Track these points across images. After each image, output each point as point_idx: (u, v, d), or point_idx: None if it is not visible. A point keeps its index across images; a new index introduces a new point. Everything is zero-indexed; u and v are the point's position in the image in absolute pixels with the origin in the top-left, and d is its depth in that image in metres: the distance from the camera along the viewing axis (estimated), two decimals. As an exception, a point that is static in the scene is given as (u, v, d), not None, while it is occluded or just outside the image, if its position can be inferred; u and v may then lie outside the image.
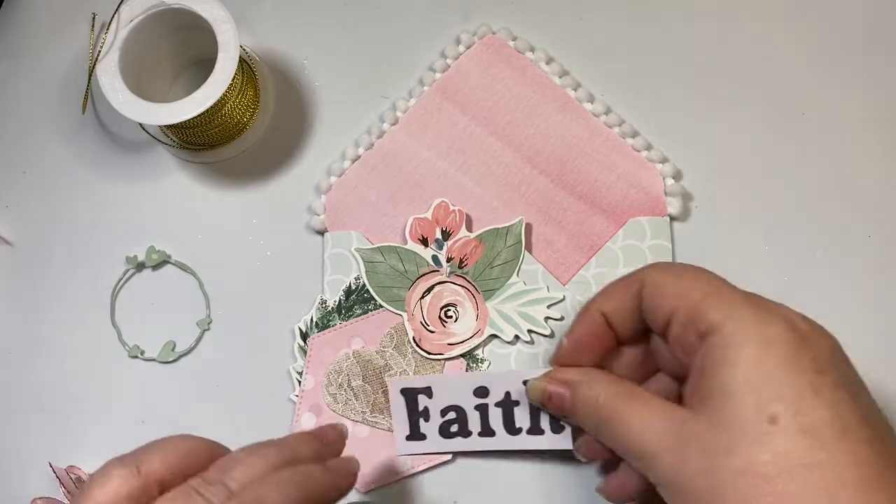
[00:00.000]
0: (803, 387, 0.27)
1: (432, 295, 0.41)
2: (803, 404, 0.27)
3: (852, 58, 0.44)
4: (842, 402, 0.27)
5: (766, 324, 0.29)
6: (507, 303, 0.41)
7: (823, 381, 0.28)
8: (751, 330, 0.29)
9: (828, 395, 0.27)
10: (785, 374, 0.28)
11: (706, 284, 0.31)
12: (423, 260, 0.41)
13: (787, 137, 0.43)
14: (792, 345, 0.28)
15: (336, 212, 0.42)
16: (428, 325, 0.41)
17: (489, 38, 0.44)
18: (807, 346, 0.28)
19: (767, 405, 0.27)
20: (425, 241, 0.41)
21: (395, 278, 0.41)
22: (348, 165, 0.43)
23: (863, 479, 0.26)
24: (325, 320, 0.41)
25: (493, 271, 0.41)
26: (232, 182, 0.43)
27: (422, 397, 0.39)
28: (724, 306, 0.30)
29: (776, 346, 0.28)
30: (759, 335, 0.28)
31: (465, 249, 0.41)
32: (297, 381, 0.40)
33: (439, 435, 0.39)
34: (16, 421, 0.41)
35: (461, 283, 0.41)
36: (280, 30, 0.45)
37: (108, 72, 0.39)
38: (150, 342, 0.42)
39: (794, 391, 0.27)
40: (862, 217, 0.42)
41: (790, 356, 0.28)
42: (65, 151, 0.44)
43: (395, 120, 0.43)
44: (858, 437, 0.27)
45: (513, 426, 0.38)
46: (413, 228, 0.41)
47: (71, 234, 0.43)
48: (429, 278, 0.41)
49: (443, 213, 0.41)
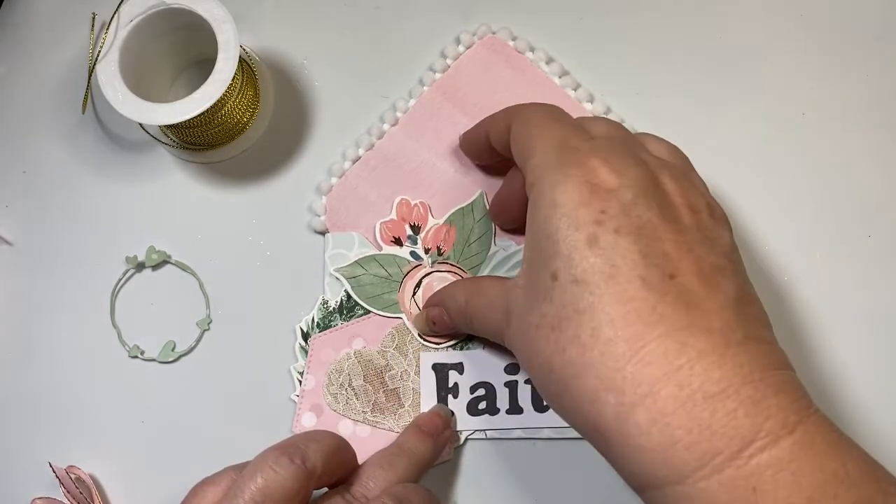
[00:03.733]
0: (579, 241, 0.29)
1: (423, 288, 0.41)
2: (575, 256, 0.29)
3: (852, 58, 0.44)
4: (618, 247, 0.29)
5: (559, 184, 0.30)
6: (496, 272, 0.41)
7: (601, 230, 0.29)
8: (545, 193, 0.31)
9: (603, 244, 0.29)
10: (564, 232, 0.29)
11: (535, 144, 0.32)
12: (403, 259, 0.41)
13: (787, 137, 0.43)
14: (576, 202, 0.30)
15: (337, 212, 0.42)
16: None
17: (489, 39, 0.44)
18: (595, 200, 0.30)
19: (549, 263, 0.30)
20: (399, 241, 0.41)
21: (381, 285, 0.41)
22: (349, 166, 0.43)
23: (630, 313, 0.28)
24: (327, 320, 0.41)
25: (471, 248, 0.41)
26: (232, 182, 0.43)
27: (453, 373, 0.40)
28: (537, 170, 0.32)
29: (560, 207, 0.30)
30: (549, 198, 0.30)
31: (438, 237, 0.41)
32: (298, 381, 0.40)
33: (466, 412, 0.40)
34: (16, 421, 0.41)
35: (446, 268, 0.41)
36: (280, 30, 0.45)
37: (108, 72, 0.39)
38: (150, 342, 0.42)
39: (570, 246, 0.29)
40: (862, 217, 0.42)
41: (573, 214, 0.30)
42: (65, 151, 0.44)
43: (395, 120, 0.43)
44: (631, 276, 0.28)
45: (540, 403, 0.39)
46: (383, 233, 0.41)
47: (71, 234, 0.43)
48: (414, 274, 0.41)
49: (406, 210, 0.42)
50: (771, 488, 0.25)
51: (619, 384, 0.27)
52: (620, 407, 0.27)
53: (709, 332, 0.28)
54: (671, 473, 0.27)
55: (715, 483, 0.26)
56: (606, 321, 0.28)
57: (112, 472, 0.40)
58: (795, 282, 0.41)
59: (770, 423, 0.26)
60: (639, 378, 0.27)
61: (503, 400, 0.40)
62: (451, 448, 0.39)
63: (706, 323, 0.28)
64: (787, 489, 0.25)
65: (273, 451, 0.32)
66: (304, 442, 0.33)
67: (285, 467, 0.31)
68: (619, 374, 0.27)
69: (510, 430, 0.40)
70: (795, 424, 0.26)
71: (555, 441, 0.40)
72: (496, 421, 0.40)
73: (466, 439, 0.40)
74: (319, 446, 0.33)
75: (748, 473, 0.26)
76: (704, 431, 0.26)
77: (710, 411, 0.26)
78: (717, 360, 0.27)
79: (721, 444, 0.26)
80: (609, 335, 0.28)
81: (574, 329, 0.29)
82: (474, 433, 0.40)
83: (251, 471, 0.31)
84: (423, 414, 0.39)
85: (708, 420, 0.26)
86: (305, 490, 0.32)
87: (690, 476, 0.26)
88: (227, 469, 0.33)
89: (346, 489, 0.34)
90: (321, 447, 0.33)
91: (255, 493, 0.30)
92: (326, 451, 0.33)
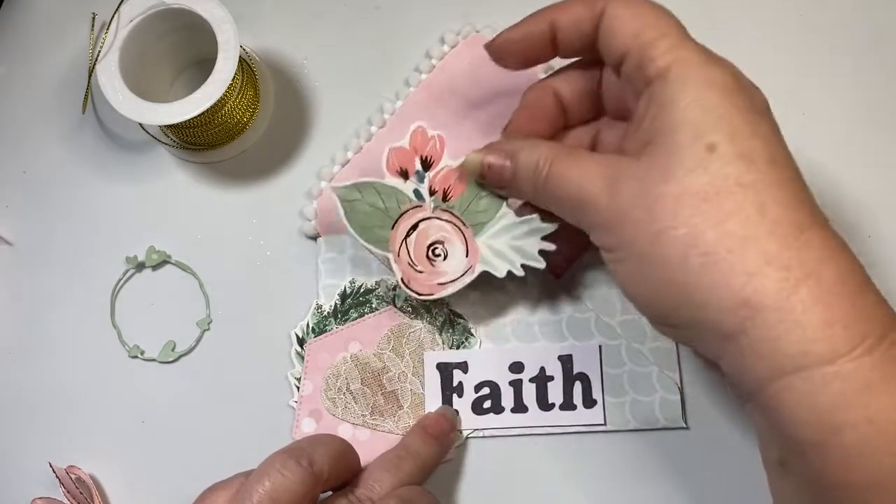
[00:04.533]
0: (740, 121, 0.29)
1: (417, 233, 0.38)
2: (739, 134, 0.29)
3: (852, 58, 0.44)
4: (773, 139, 0.30)
5: (710, 66, 0.30)
6: (499, 237, 0.38)
7: (760, 120, 0.30)
8: (694, 71, 0.30)
9: (762, 133, 0.29)
10: (725, 109, 0.29)
11: (662, 26, 0.31)
12: (404, 195, 0.38)
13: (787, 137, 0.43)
14: (733, 87, 0.30)
15: (328, 216, 0.42)
16: (416, 264, 0.38)
17: (473, 37, 0.44)
18: (746, 93, 0.30)
19: (705, 135, 0.29)
20: (405, 174, 0.38)
21: (375, 217, 0.38)
22: (338, 170, 0.42)
23: (792, 199, 0.29)
24: (322, 325, 0.41)
25: (480, 203, 0.38)
26: (232, 182, 0.43)
27: (457, 372, 0.40)
28: (675, 50, 0.30)
29: (717, 86, 0.29)
30: (703, 76, 0.30)
31: (448, 180, 0.38)
32: (296, 387, 0.40)
33: (471, 411, 0.39)
34: (16, 421, 0.41)
35: (447, 218, 0.38)
36: (280, 30, 0.45)
37: (108, 72, 0.39)
38: (150, 342, 0.42)
39: (732, 124, 0.29)
40: (862, 217, 0.42)
41: (731, 96, 0.29)
42: (65, 151, 0.44)
43: (383, 122, 0.43)
44: (786, 167, 0.29)
45: (545, 402, 0.39)
46: (390, 160, 0.38)
47: (71, 234, 0.43)
48: (412, 215, 0.38)
49: (421, 140, 0.38)
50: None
51: (787, 261, 0.28)
52: (785, 282, 0.27)
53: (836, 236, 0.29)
54: (827, 352, 0.27)
55: (867, 363, 0.27)
56: (772, 201, 0.28)
57: (112, 472, 0.40)
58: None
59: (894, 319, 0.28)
60: (804, 258, 0.28)
61: (508, 399, 0.40)
62: (453, 447, 0.39)
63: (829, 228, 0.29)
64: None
65: (280, 454, 0.32)
66: (310, 446, 0.33)
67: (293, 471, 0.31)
68: (786, 251, 0.28)
69: (515, 429, 0.40)
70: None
71: (555, 442, 0.40)
72: (501, 420, 0.40)
73: (467, 438, 0.40)
74: (326, 450, 0.33)
75: (894, 356, 0.27)
76: (860, 314, 0.27)
77: (863, 298, 0.28)
78: (852, 259, 0.29)
79: (871, 327, 0.27)
80: (777, 213, 0.28)
81: (737, 202, 0.28)
82: (474, 431, 0.40)
83: (259, 474, 0.31)
84: (428, 415, 0.39)
85: (861, 304, 0.28)
86: (312, 493, 0.32)
87: (846, 355, 0.27)
88: (239, 475, 0.33)
89: (351, 491, 0.34)
90: (327, 451, 0.33)
91: (262, 496, 0.30)
92: (333, 454, 0.33)
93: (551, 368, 0.40)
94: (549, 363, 0.40)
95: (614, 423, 0.39)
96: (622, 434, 0.39)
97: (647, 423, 0.39)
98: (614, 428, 0.39)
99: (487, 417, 0.40)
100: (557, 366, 0.40)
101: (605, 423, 0.39)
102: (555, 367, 0.40)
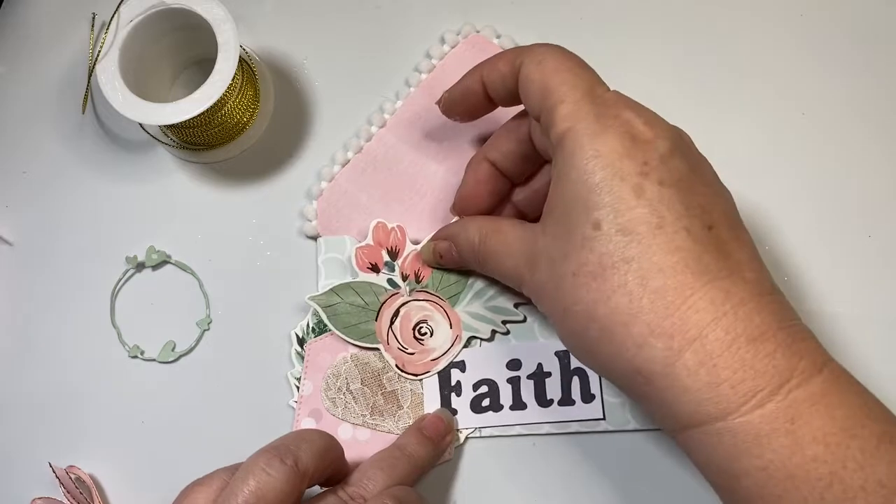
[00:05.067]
0: (624, 192, 0.30)
1: (401, 318, 0.40)
2: (621, 207, 0.29)
3: (852, 58, 0.44)
4: (663, 198, 0.30)
5: (599, 135, 0.30)
6: (474, 302, 0.40)
7: (647, 182, 0.30)
8: (583, 143, 0.30)
9: (649, 195, 0.29)
10: (608, 183, 0.30)
11: (563, 89, 0.32)
12: (380, 287, 0.40)
13: (787, 137, 0.43)
14: (620, 153, 0.30)
15: (328, 216, 0.42)
16: (406, 348, 0.40)
17: (473, 37, 0.44)
18: (637, 152, 0.30)
19: (591, 212, 0.30)
20: (375, 268, 0.41)
21: (358, 314, 0.40)
22: (338, 170, 0.42)
23: (678, 263, 0.29)
24: (322, 325, 0.41)
25: (450, 277, 0.40)
26: (232, 182, 0.43)
27: (455, 371, 0.40)
28: (569, 119, 0.31)
29: (602, 157, 0.30)
30: (590, 149, 0.30)
31: (416, 263, 0.41)
32: (296, 387, 0.40)
33: (470, 410, 0.40)
34: (16, 421, 0.41)
35: (424, 297, 0.40)
36: (280, 30, 0.45)
37: (108, 72, 0.39)
38: (150, 342, 0.42)
39: (615, 197, 0.30)
40: (862, 217, 0.42)
41: (616, 165, 0.30)
42: (65, 151, 0.44)
43: (383, 122, 0.43)
44: (677, 227, 0.29)
45: (544, 398, 0.39)
46: (359, 259, 0.40)
47: (71, 234, 0.43)
48: (392, 303, 0.40)
49: (383, 234, 0.41)
50: (807, 419, 0.28)
51: (669, 330, 0.29)
52: (668, 351, 0.29)
53: (745, 282, 0.30)
54: (716, 410, 0.29)
55: (757, 416, 0.28)
56: (655, 270, 0.29)
57: (112, 472, 0.40)
58: (795, 281, 0.41)
59: (803, 363, 0.29)
60: (688, 324, 0.29)
61: (506, 396, 0.40)
62: (451, 447, 0.39)
63: (741, 273, 0.30)
64: (821, 420, 0.28)
65: (265, 452, 0.32)
66: (294, 443, 0.33)
67: (277, 469, 0.31)
68: (668, 320, 0.29)
69: (514, 427, 0.40)
70: (822, 365, 0.29)
71: (555, 442, 0.40)
72: (500, 418, 0.40)
73: (467, 437, 0.40)
74: (310, 447, 0.33)
75: (786, 406, 0.28)
76: (749, 371, 0.28)
77: (753, 353, 0.28)
78: (755, 308, 0.29)
79: (762, 381, 0.28)
80: (658, 284, 0.29)
81: (620, 277, 0.29)
82: (474, 430, 0.40)
83: (243, 473, 0.31)
84: (426, 416, 0.39)
85: (751, 361, 0.28)
86: (298, 491, 0.32)
87: (735, 412, 0.28)
88: (219, 471, 0.33)
89: (342, 488, 0.34)
90: (311, 447, 0.33)
91: (247, 495, 0.30)
92: (317, 451, 0.33)
93: (549, 365, 0.40)
94: (546, 359, 0.40)
95: (614, 421, 0.39)
96: (622, 434, 0.39)
97: (647, 422, 0.39)
98: (614, 428, 0.39)
99: (486, 415, 0.40)
100: (555, 362, 0.40)
101: (604, 417, 0.39)
102: (552, 364, 0.40)
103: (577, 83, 0.32)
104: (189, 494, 0.32)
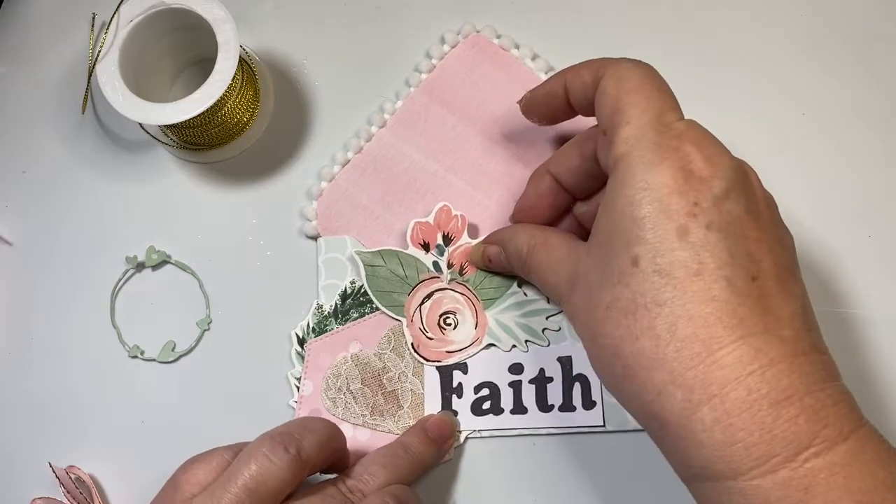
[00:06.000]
0: (668, 231, 0.29)
1: (432, 301, 0.41)
2: (662, 247, 0.29)
3: (852, 58, 0.44)
4: (707, 244, 0.28)
5: (653, 166, 0.29)
6: (507, 312, 0.40)
7: (693, 224, 0.29)
8: (636, 172, 0.29)
9: (693, 238, 0.28)
10: (653, 219, 0.29)
11: (632, 110, 0.31)
12: (424, 265, 0.41)
13: (787, 137, 0.43)
14: (670, 189, 0.29)
15: (328, 216, 0.42)
16: (427, 331, 0.40)
17: (473, 37, 0.44)
18: (689, 190, 0.29)
19: (631, 247, 0.29)
20: (426, 247, 0.41)
21: (395, 283, 0.41)
22: (338, 170, 0.42)
23: (711, 315, 0.28)
24: (322, 325, 0.41)
25: (493, 280, 0.41)
26: (232, 182, 0.43)
27: (457, 373, 0.40)
28: (628, 143, 0.30)
29: (652, 191, 0.29)
30: (641, 180, 0.29)
31: (465, 256, 0.41)
32: (296, 387, 0.40)
33: (471, 412, 0.40)
34: (16, 421, 0.41)
35: (461, 290, 0.41)
36: (280, 30, 0.45)
37: (108, 72, 0.39)
38: (150, 342, 0.42)
39: (658, 235, 0.29)
40: (862, 217, 0.42)
41: (664, 201, 0.29)
42: (65, 151, 0.44)
43: (383, 122, 0.43)
44: (717, 276, 0.28)
45: (545, 403, 0.39)
46: (415, 233, 0.41)
47: (71, 234, 0.43)
48: (429, 284, 0.41)
49: (444, 218, 0.41)
50: (823, 490, 0.27)
51: (690, 382, 0.28)
52: (687, 403, 0.28)
53: (780, 340, 0.28)
54: (727, 470, 0.28)
55: (769, 482, 0.27)
56: (686, 318, 0.28)
57: (112, 472, 0.40)
58: (795, 282, 0.41)
59: (827, 430, 0.27)
60: (710, 379, 0.28)
61: (507, 400, 0.40)
62: (451, 448, 0.39)
63: (779, 330, 0.28)
64: (837, 492, 0.26)
65: (268, 439, 0.32)
66: (299, 431, 0.33)
67: (280, 457, 0.31)
68: (690, 371, 0.28)
69: (514, 430, 0.40)
70: (850, 433, 0.27)
71: (555, 442, 0.40)
72: (500, 421, 0.40)
73: (467, 438, 0.40)
74: (314, 436, 0.33)
75: (802, 475, 0.27)
76: (766, 435, 0.27)
77: (774, 417, 0.27)
78: (785, 369, 0.28)
79: (779, 447, 0.27)
80: (687, 333, 0.28)
81: (650, 320, 0.29)
82: (474, 432, 0.40)
83: (246, 457, 0.31)
84: (432, 417, 0.39)
85: (770, 425, 0.27)
86: (298, 480, 0.32)
87: (746, 474, 0.27)
88: (218, 449, 0.33)
89: (343, 480, 0.34)
90: (315, 437, 0.33)
91: (248, 480, 0.31)
92: (321, 441, 0.33)
93: (551, 370, 0.40)
94: (548, 365, 0.40)
95: (614, 423, 0.39)
96: (622, 434, 0.39)
97: None
98: (614, 428, 0.39)
99: (487, 418, 0.40)
100: (557, 367, 0.40)
101: (604, 425, 0.39)
102: (554, 369, 0.40)
103: (647, 107, 0.30)
104: (188, 469, 0.33)
